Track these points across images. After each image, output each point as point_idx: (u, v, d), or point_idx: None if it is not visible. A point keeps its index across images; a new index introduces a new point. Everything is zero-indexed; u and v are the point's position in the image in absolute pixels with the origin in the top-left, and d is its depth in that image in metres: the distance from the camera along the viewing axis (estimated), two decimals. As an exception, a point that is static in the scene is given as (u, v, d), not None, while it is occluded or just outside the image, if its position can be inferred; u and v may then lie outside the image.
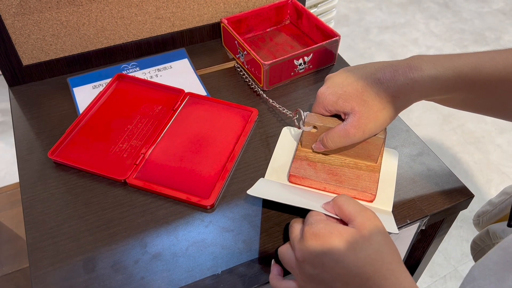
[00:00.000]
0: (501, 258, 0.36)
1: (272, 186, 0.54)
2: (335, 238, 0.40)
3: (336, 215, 0.44)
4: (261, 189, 0.52)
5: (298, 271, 0.43)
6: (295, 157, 0.56)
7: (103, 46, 0.74)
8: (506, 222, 0.50)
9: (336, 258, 0.39)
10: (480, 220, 0.57)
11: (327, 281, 0.40)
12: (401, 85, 0.46)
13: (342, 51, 2.10)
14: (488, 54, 0.45)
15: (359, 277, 0.38)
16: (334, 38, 0.72)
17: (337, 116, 0.54)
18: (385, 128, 0.53)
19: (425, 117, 1.79)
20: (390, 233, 0.43)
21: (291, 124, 0.65)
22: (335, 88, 0.51)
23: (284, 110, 0.63)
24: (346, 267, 0.39)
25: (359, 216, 0.41)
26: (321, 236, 0.40)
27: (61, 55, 0.72)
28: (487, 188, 1.56)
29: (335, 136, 0.51)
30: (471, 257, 0.64)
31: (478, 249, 0.60)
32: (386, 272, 0.38)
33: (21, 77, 0.71)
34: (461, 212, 0.57)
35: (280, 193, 0.53)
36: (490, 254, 0.37)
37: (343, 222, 0.43)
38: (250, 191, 0.51)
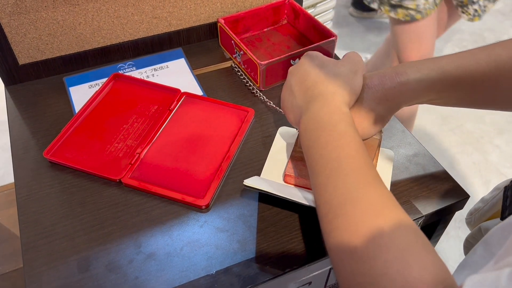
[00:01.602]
0: (484, 251, 0.36)
1: (268, 182, 0.54)
2: (326, 61, 0.49)
3: None
4: (257, 182, 0.52)
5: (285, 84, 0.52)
6: (291, 157, 0.56)
7: (99, 46, 0.74)
8: (497, 219, 0.50)
9: (311, 68, 0.49)
10: (472, 218, 0.57)
11: (292, 85, 0.50)
12: (388, 89, 0.48)
13: (341, 51, 2.10)
14: (470, 52, 0.46)
15: (313, 83, 0.47)
16: (331, 38, 0.72)
17: None
18: (381, 130, 0.53)
19: (423, 118, 1.79)
20: None
21: (287, 124, 0.65)
22: None
23: (280, 110, 0.63)
24: (311, 75, 0.48)
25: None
26: (318, 58, 0.50)
27: (57, 55, 0.72)
28: (485, 189, 1.56)
29: None
30: (468, 257, 0.63)
31: (470, 247, 0.60)
32: (338, 104, 0.45)
33: (17, 76, 0.71)
34: (459, 213, 0.57)
35: (276, 188, 0.53)
36: (476, 249, 0.38)
37: None
38: (247, 181, 0.51)
